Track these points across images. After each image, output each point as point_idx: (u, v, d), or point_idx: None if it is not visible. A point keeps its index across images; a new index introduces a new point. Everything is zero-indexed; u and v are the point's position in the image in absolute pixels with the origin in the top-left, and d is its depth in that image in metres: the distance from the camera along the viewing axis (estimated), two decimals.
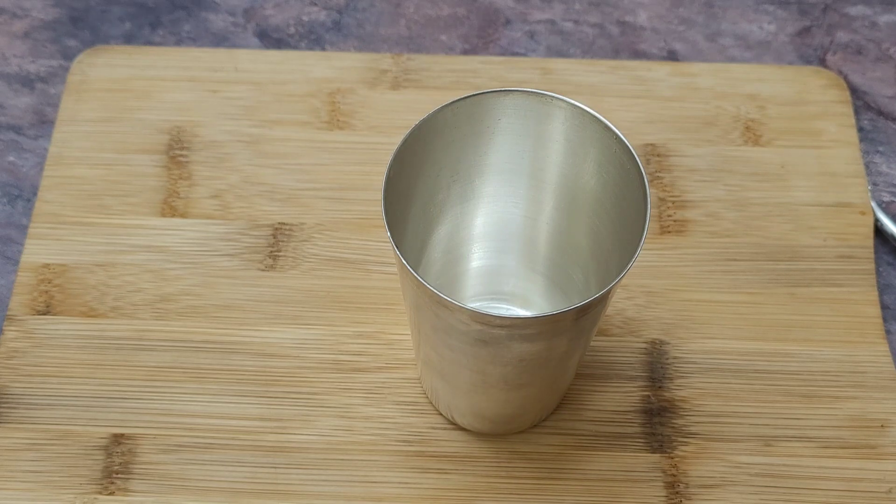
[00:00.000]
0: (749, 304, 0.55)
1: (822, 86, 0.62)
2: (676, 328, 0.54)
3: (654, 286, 0.56)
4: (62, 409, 0.52)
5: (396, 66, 0.62)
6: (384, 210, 0.44)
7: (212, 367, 0.53)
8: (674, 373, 0.54)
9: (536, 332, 0.44)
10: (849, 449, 0.52)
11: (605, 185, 0.47)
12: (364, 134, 0.60)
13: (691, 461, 0.51)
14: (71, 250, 0.56)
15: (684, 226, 0.57)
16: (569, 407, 0.53)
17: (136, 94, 0.61)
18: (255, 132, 0.60)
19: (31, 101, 0.62)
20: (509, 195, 0.51)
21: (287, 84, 0.61)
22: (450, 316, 0.44)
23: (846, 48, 0.64)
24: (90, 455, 0.51)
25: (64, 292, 0.55)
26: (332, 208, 0.58)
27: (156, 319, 0.54)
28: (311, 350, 0.54)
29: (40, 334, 0.54)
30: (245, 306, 0.55)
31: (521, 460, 0.51)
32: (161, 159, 0.59)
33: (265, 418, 0.52)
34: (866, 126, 0.61)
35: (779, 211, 0.58)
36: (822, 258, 0.56)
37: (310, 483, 0.51)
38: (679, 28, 0.64)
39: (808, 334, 0.54)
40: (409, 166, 0.47)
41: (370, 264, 0.56)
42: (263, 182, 0.58)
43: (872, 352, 0.54)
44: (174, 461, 0.51)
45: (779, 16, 0.65)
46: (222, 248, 0.56)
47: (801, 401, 0.53)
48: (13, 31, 0.64)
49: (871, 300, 0.55)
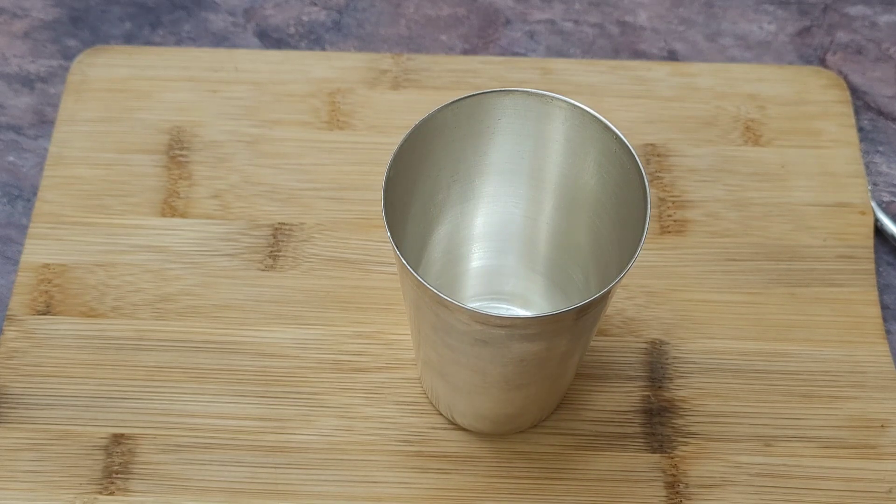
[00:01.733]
0: (749, 304, 0.55)
1: (823, 86, 0.61)
2: (676, 328, 0.54)
3: (654, 286, 0.56)
4: (62, 409, 0.52)
5: (396, 66, 0.62)
6: (384, 210, 0.44)
7: (212, 367, 0.53)
8: (674, 373, 0.53)
9: (536, 332, 0.44)
10: (849, 449, 0.52)
11: (605, 185, 0.47)
12: (364, 134, 0.60)
13: (691, 461, 0.51)
14: (71, 250, 0.56)
15: (684, 226, 0.57)
16: (569, 407, 0.53)
17: (136, 94, 0.61)
18: (255, 132, 0.60)
19: (31, 101, 0.62)
20: (509, 195, 0.50)
21: (287, 84, 0.61)
22: (450, 316, 0.44)
23: (846, 48, 0.64)
24: (90, 455, 0.51)
25: (64, 292, 0.55)
26: (332, 208, 0.58)
27: (156, 319, 0.54)
28: (311, 350, 0.54)
29: (40, 334, 0.54)
30: (245, 306, 0.55)
31: (521, 460, 0.51)
32: (161, 159, 0.59)
33: (265, 418, 0.52)
34: (866, 126, 0.61)
35: (779, 211, 0.58)
36: (823, 258, 0.56)
37: (310, 483, 0.51)
38: (679, 28, 0.64)
39: (808, 334, 0.54)
40: (409, 166, 0.47)
41: (370, 264, 0.56)
42: (263, 182, 0.58)
43: (872, 352, 0.54)
44: (174, 461, 0.51)
45: (779, 16, 0.65)
46: (222, 248, 0.56)
47: (801, 401, 0.53)
48: (13, 31, 0.64)
49: (871, 300, 0.55)
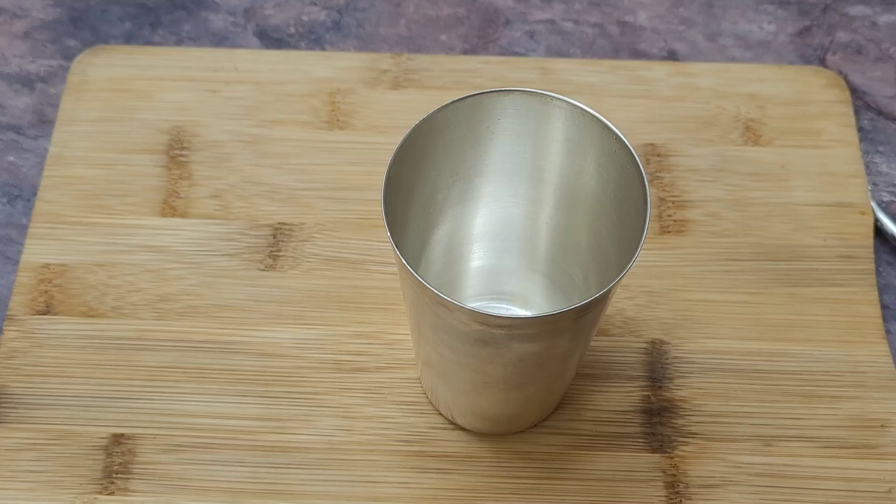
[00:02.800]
0: (749, 304, 0.55)
1: (823, 86, 0.61)
2: (676, 328, 0.54)
3: (654, 286, 0.55)
4: (62, 409, 0.52)
5: (396, 66, 0.62)
6: (384, 210, 0.44)
7: (212, 367, 0.53)
8: (674, 373, 0.53)
9: (536, 332, 0.44)
10: (849, 449, 0.52)
11: (605, 185, 0.47)
12: (364, 134, 0.60)
13: (691, 461, 0.51)
14: (71, 250, 0.56)
15: (684, 226, 0.57)
16: (569, 407, 0.53)
17: (136, 93, 0.61)
18: (255, 132, 0.60)
19: (31, 101, 0.61)
20: (509, 195, 0.50)
21: (287, 84, 0.61)
22: (450, 316, 0.44)
23: (846, 48, 0.64)
24: (90, 455, 0.51)
25: (64, 292, 0.55)
26: (332, 208, 0.58)
27: (156, 319, 0.54)
28: (311, 350, 0.54)
29: (40, 334, 0.54)
30: (245, 306, 0.55)
31: (521, 460, 0.51)
32: (161, 159, 0.59)
33: (265, 418, 0.52)
34: (866, 126, 0.61)
35: (779, 211, 0.58)
36: (823, 258, 0.56)
37: (310, 483, 0.51)
38: (679, 28, 0.64)
39: (808, 334, 0.54)
40: (409, 166, 0.46)
41: (370, 264, 0.56)
42: (263, 182, 0.58)
43: (872, 352, 0.54)
44: (174, 461, 0.51)
45: (779, 16, 0.65)
46: (222, 248, 0.56)
47: (801, 401, 0.53)
48: (13, 31, 0.64)
49: (871, 300, 0.55)
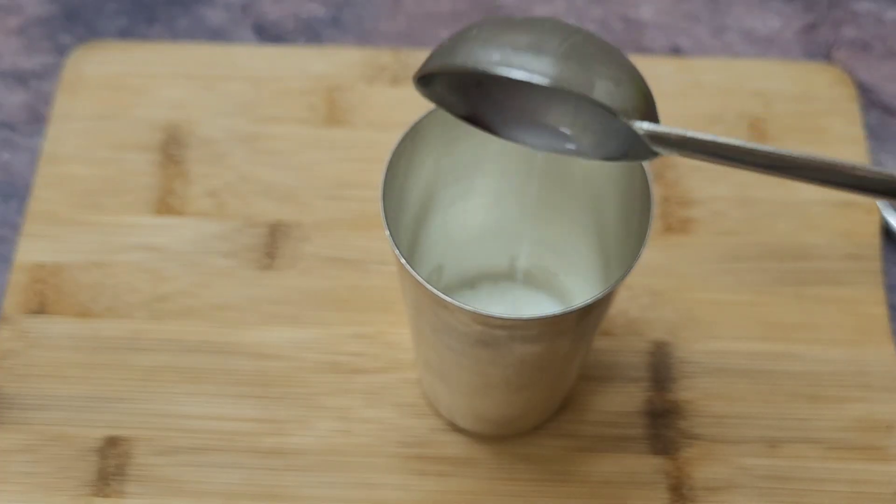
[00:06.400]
0: (754, 304, 0.55)
1: (829, 82, 0.61)
2: (681, 328, 0.54)
3: (658, 286, 0.55)
4: (56, 411, 0.52)
5: (396, 62, 0.61)
6: (383, 208, 0.44)
7: (208, 369, 0.53)
8: (678, 374, 0.53)
9: (538, 333, 0.44)
10: (855, 451, 0.51)
11: (609, 184, 0.47)
12: (363, 131, 0.59)
13: (696, 464, 0.51)
14: (65, 249, 0.56)
15: (689, 224, 0.57)
16: (571, 409, 0.52)
17: (132, 90, 0.60)
18: (252, 129, 0.59)
19: (25, 98, 0.61)
20: (511, 193, 0.50)
21: (284, 80, 0.61)
22: (450, 317, 0.44)
23: (852, 44, 0.63)
24: (85, 457, 0.51)
25: (58, 292, 0.55)
26: (331, 206, 0.57)
27: (151, 319, 0.54)
28: (308, 351, 0.53)
29: (34, 334, 0.54)
30: (242, 306, 0.54)
31: (522, 463, 0.51)
32: (156, 157, 0.58)
33: (262, 420, 0.52)
34: (873, 123, 0.61)
35: (785, 210, 0.57)
36: (829, 258, 0.56)
37: (307, 486, 0.50)
38: (684, 23, 0.64)
39: (814, 335, 0.54)
40: (409, 164, 0.46)
41: (369, 264, 0.56)
42: (260, 180, 0.58)
43: (879, 352, 0.54)
44: (170, 463, 0.51)
45: (784, 11, 0.64)
46: (219, 247, 0.56)
47: (807, 402, 0.53)
48: (7, 27, 0.63)
49: (878, 300, 0.55)
